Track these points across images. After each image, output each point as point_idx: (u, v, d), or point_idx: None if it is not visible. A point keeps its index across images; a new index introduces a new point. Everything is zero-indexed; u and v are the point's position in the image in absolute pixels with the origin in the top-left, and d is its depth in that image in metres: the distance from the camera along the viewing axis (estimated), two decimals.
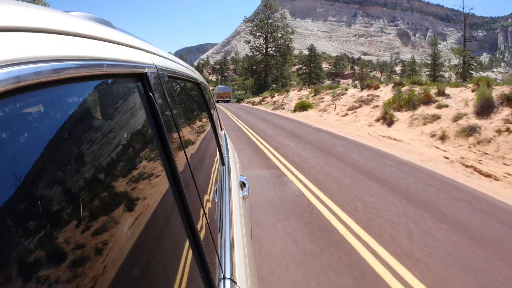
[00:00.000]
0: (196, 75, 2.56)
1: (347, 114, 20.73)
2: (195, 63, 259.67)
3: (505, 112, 11.56)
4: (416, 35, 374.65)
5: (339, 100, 24.58)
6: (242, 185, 2.87)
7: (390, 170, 8.66)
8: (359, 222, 5.24)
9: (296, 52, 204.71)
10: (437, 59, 54.59)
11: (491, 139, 10.70)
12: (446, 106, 14.84)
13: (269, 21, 67.04)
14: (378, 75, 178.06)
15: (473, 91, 14.40)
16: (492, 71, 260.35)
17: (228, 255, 1.49)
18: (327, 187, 7.04)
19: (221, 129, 4.21)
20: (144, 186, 0.81)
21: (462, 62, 44.32)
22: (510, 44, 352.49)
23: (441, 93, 16.43)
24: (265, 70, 65.64)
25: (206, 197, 1.44)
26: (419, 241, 4.67)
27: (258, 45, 67.82)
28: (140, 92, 0.91)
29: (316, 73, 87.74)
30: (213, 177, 2.00)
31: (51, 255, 0.45)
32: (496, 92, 12.76)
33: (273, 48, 67.07)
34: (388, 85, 23.03)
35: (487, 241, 4.70)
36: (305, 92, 35.50)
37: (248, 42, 69.46)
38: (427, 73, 67.91)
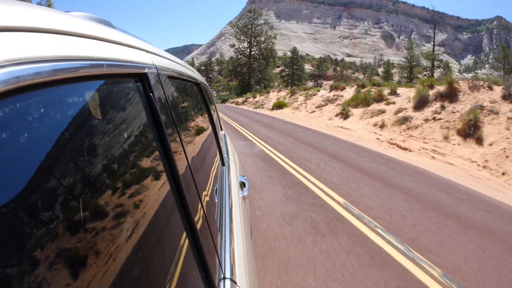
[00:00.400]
0: (196, 75, 2.63)
1: (314, 111, 24.18)
2: None
3: (436, 105, 14.96)
4: (401, 37, 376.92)
5: (310, 99, 28.00)
6: (242, 185, 2.92)
7: (327, 143, 12.65)
8: (291, 160, 9.63)
9: (280, 53, 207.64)
10: (413, 61, 58.38)
11: (418, 125, 14.22)
12: (394, 103, 18.32)
13: (253, 26, 70.15)
14: (361, 76, 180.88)
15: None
16: (476, 73, 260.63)
17: (228, 255, 1.53)
18: (279, 149, 11.42)
19: (221, 129, 4.31)
20: (144, 187, 0.83)
21: (431, 65, 48.69)
22: (494, 46, 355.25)
23: (393, 92, 19.87)
24: (248, 72, 68.74)
25: (206, 197, 1.49)
26: (323, 168, 8.75)
27: (242, 49, 70.97)
28: (140, 92, 0.94)
29: (298, 74, 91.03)
30: (213, 177, 2.04)
31: (51, 255, 0.45)
32: (434, 90, 16.20)
33: (257, 52, 70.16)
34: (353, 86, 26.35)
35: (369, 172, 8.34)
36: (283, 93, 38.85)
37: (233, 45, 72.61)
38: (405, 74, 71.67)
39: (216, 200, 1.86)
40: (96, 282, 0.53)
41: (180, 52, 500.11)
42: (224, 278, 1.32)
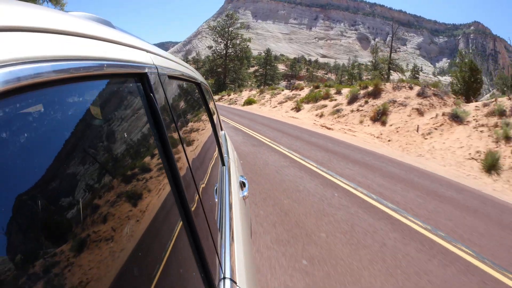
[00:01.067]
0: (196, 75, 2.64)
1: (276, 106, 29.82)
2: None
3: (362, 101, 20.99)
4: (376, 39, 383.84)
5: (275, 97, 33.68)
6: (242, 185, 2.94)
7: (276, 124, 18.64)
8: (250, 130, 15.61)
9: (255, 52, 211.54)
10: (377, 64, 64.30)
11: (345, 115, 20.29)
12: (335, 99, 24.25)
13: (230, 29, 74.97)
14: (334, 77, 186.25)
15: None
16: (451, 76, 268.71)
17: (228, 255, 1.54)
18: (244, 125, 17.27)
19: (221, 129, 4.32)
20: (144, 186, 0.84)
21: (387, 68, 54.54)
22: (470, 50, 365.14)
23: (338, 92, 25.82)
24: (224, 72, 73.53)
25: (206, 197, 1.50)
26: (266, 133, 14.67)
27: (219, 50, 75.71)
28: (140, 92, 0.95)
29: (271, 74, 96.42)
30: (213, 177, 2.05)
31: (50, 254, 0.45)
32: (365, 90, 22.08)
33: (232, 53, 75.10)
34: (310, 87, 32.44)
35: (293, 136, 14.22)
36: (254, 92, 44.42)
37: (210, 47, 77.31)
38: (369, 76, 76.71)
39: (216, 200, 1.88)
40: (96, 282, 0.54)
41: None
42: (224, 278, 1.34)
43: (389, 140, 14.95)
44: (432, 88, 19.77)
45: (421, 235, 5.16)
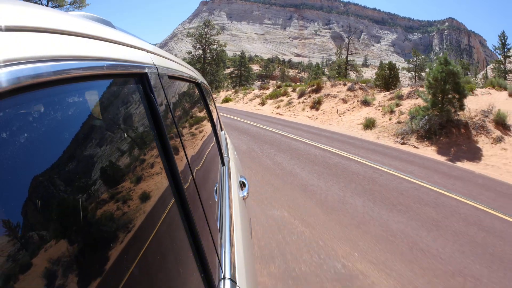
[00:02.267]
0: (196, 74, 2.68)
1: (247, 103, 38.15)
2: None
3: (306, 95, 29.73)
4: (350, 37, 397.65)
5: (246, 96, 41.96)
6: (242, 185, 2.93)
7: (246, 114, 27.30)
8: (232, 116, 23.80)
9: (230, 53, 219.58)
10: (345, 65, 70.39)
11: (294, 105, 29.37)
12: (290, 95, 32.84)
13: (207, 36, 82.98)
14: (306, 75, 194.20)
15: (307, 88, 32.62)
16: (425, 71, 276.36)
17: (228, 255, 1.54)
18: (224, 114, 24.74)
19: (221, 129, 4.31)
20: (144, 186, 0.83)
21: (344, 69, 63.31)
22: (444, 46, 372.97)
23: (294, 90, 34.37)
24: (202, 75, 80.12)
25: (206, 197, 1.49)
26: (239, 117, 22.82)
27: (197, 55, 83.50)
28: (140, 92, 0.95)
29: (246, 75, 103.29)
30: (213, 177, 2.06)
31: (50, 254, 0.45)
32: (311, 87, 30.51)
33: (209, 58, 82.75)
34: (275, 87, 41.21)
35: (256, 118, 22.61)
36: (230, 92, 52.98)
37: (189, 52, 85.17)
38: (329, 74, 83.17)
39: (216, 200, 1.88)
40: (96, 281, 0.54)
41: None
42: (224, 278, 1.35)
43: (316, 119, 23.81)
44: (360, 84, 28.43)
45: (323, 149, 12.71)
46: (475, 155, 13.03)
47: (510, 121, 14.90)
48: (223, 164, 2.90)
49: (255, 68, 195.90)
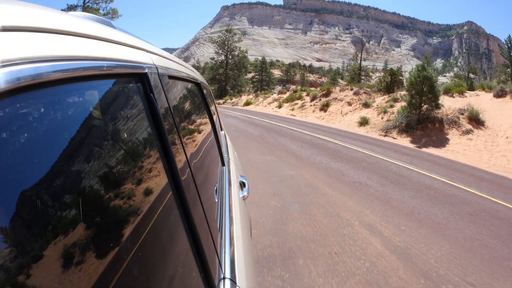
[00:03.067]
0: (196, 75, 2.64)
1: (266, 106, 41.56)
2: None
3: (318, 99, 33.14)
4: (371, 42, 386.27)
5: (266, 100, 45.55)
6: (242, 185, 2.94)
7: (264, 115, 30.79)
8: (251, 115, 28.72)
9: (252, 58, 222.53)
10: (358, 70, 72.81)
11: (306, 108, 32.76)
12: (304, 99, 36.21)
13: (229, 42, 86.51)
14: (326, 80, 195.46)
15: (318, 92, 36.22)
16: (444, 76, 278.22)
17: (228, 255, 1.54)
18: (246, 116, 28.85)
19: (221, 129, 4.29)
20: (144, 186, 0.83)
21: (358, 74, 66.51)
22: (463, 50, 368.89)
23: (307, 94, 37.79)
24: (225, 80, 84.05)
25: (206, 197, 1.49)
26: (258, 117, 26.71)
27: (220, 61, 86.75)
28: (140, 92, 0.94)
29: (267, 80, 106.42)
30: (213, 177, 2.06)
31: (50, 254, 0.45)
32: (322, 92, 34.00)
33: (231, 63, 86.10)
34: (291, 91, 45.06)
35: (274, 118, 26.41)
36: (251, 96, 56.51)
37: (212, 58, 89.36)
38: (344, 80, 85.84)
39: (216, 200, 1.88)
40: (96, 281, 0.53)
41: None
42: (224, 278, 1.35)
43: (322, 119, 27.36)
44: (365, 89, 31.77)
45: (314, 136, 16.92)
46: (441, 143, 16.12)
47: (484, 118, 17.55)
48: (223, 164, 2.90)
49: (276, 73, 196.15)
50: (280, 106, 38.22)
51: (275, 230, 5.50)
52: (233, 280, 1.36)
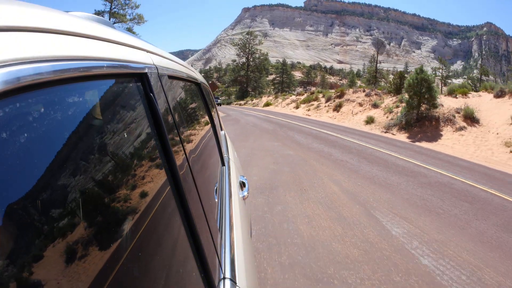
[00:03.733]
0: (196, 75, 2.64)
1: (284, 106, 43.85)
2: None
3: (332, 100, 35.28)
4: (391, 44, 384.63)
5: (285, 101, 47.91)
6: (242, 185, 2.94)
7: (282, 114, 33.41)
8: (270, 116, 31.40)
9: (273, 60, 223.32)
10: (374, 73, 74.31)
11: (321, 108, 34.91)
12: (320, 101, 38.29)
13: (250, 45, 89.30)
14: (346, 82, 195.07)
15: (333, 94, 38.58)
16: (464, 78, 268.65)
17: (228, 255, 1.54)
18: (265, 116, 31.63)
19: (221, 129, 4.28)
20: (144, 186, 0.83)
21: (373, 76, 67.97)
22: (483, 52, 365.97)
23: (323, 96, 40.14)
24: (246, 81, 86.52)
25: (206, 197, 1.48)
26: (276, 116, 29.83)
27: (241, 63, 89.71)
28: (140, 92, 0.94)
29: (288, 82, 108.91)
30: (213, 177, 2.05)
31: (49, 254, 0.45)
32: (337, 94, 36.26)
33: (252, 65, 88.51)
34: (308, 93, 47.40)
35: (291, 117, 28.94)
36: (271, 97, 58.74)
37: (234, 61, 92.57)
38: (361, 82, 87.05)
39: (216, 200, 1.88)
40: (96, 282, 0.53)
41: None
42: (224, 278, 1.34)
43: (334, 118, 29.54)
44: (376, 90, 33.73)
45: (321, 131, 19.65)
46: (434, 138, 17.91)
47: (479, 116, 18.61)
48: (223, 164, 2.90)
49: (297, 75, 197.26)
50: (297, 107, 40.35)
51: (270, 178, 8.80)
52: (233, 280, 1.38)
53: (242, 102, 69.59)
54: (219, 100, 32.44)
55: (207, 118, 2.65)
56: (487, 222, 6.34)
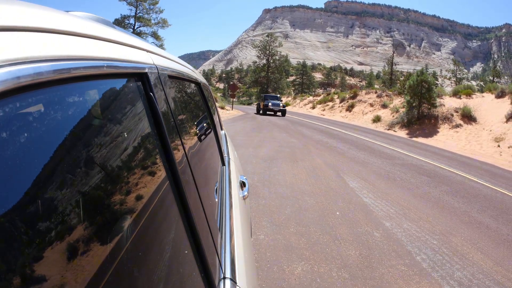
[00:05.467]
0: (196, 75, 2.61)
1: (302, 107, 46.98)
2: (199, 71, 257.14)
3: (346, 101, 37.62)
4: (411, 45, 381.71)
5: (302, 101, 50.50)
6: (242, 184, 2.92)
7: (299, 114, 37.11)
8: (288, 115, 32.50)
9: (294, 61, 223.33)
10: (390, 75, 75.07)
11: (335, 109, 37.52)
12: (334, 101, 40.66)
13: (270, 47, 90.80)
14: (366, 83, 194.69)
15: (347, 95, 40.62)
16: (477, 80, 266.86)
17: (229, 255, 1.53)
18: (285, 116, 33.77)
19: (222, 129, 4.28)
20: (144, 186, 0.83)
21: (389, 78, 69.24)
22: (503, 54, 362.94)
23: (338, 97, 42.26)
24: (267, 83, 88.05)
25: (206, 197, 1.48)
26: (294, 116, 33.21)
27: (261, 65, 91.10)
28: (141, 91, 0.93)
29: (308, 84, 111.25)
30: (213, 176, 2.04)
31: (49, 254, 0.45)
32: (350, 95, 38.56)
33: (273, 67, 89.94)
34: (324, 94, 49.52)
35: (307, 117, 31.93)
36: (290, 98, 61.38)
37: (254, 62, 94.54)
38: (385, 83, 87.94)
39: (216, 200, 1.87)
40: (96, 282, 0.53)
41: (196, 58, 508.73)
42: (224, 278, 1.33)
43: (346, 117, 31.99)
44: (388, 91, 35.67)
45: (329, 127, 22.81)
46: (430, 134, 20.29)
47: (476, 115, 20.49)
48: (223, 164, 2.88)
49: (318, 76, 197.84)
50: (313, 107, 42.67)
51: (273, 154, 11.24)
52: (233, 280, 1.37)
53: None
54: (280, 104, 31.83)
55: (207, 117, 2.63)
56: (437, 189, 8.15)
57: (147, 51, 1.12)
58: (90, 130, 0.65)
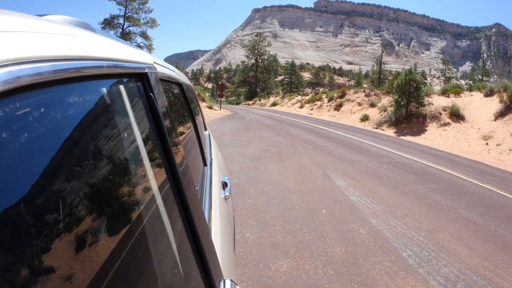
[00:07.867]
0: (179, 75, 2.62)
1: (290, 106, 45.77)
2: (187, 70, 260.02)
3: (334, 100, 37.35)
4: (400, 45, 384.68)
5: (290, 101, 49.96)
6: (224, 185, 2.92)
7: (286, 114, 35.52)
8: (275, 114, 33.01)
9: (283, 61, 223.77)
10: (379, 75, 76.12)
11: (323, 108, 37.09)
12: (323, 101, 40.34)
13: (259, 47, 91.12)
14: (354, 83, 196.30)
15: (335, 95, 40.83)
16: (466, 79, 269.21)
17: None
18: (270, 114, 33.68)
19: (206, 129, 4.34)
20: (144, 186, 0.84)
21: (378, 77, 69.95)
22: (492, 53, 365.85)
23: (327, 96, 42.39)
24: (255, 82, 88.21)
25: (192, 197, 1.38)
26: (282, 115, 32.08)
27: (250, 65, 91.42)
28: (140, 91, 0.94)
29: (296, 83, 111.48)
30: (193, 177, 1.80)
31: (49, 254, 0.45)
32: (339, 94, 38.57)
33: (261, 66, 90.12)
34: (312, 93, 49.66)
35: (293, 115, 31.42)
36: (278, 98, 61.03)
37: (243, 62, 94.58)
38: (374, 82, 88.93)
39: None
40: (96, 281, 0.53)
41: (185, 57, 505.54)
42: (225, 277, 1.33)
43: (334, 116, 31.72)
44: (376, 91, 35.74)
45: (316, 126, 22.42)
46: (418, 133, 19.94)
47: (464, 113, 20.54)
48: (204, 165, 2.87)
49: (306, 75, 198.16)
50: (301, 107, 42.44)
51: (259, 153, 11.23)
52: (233, 280, 1.35)
53: (250, 102, 71.75)
54: None
55: (191, 118, 2.69)
56: (424, 186, 8.23)
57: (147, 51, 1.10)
58: (89, 130, 0.65)
